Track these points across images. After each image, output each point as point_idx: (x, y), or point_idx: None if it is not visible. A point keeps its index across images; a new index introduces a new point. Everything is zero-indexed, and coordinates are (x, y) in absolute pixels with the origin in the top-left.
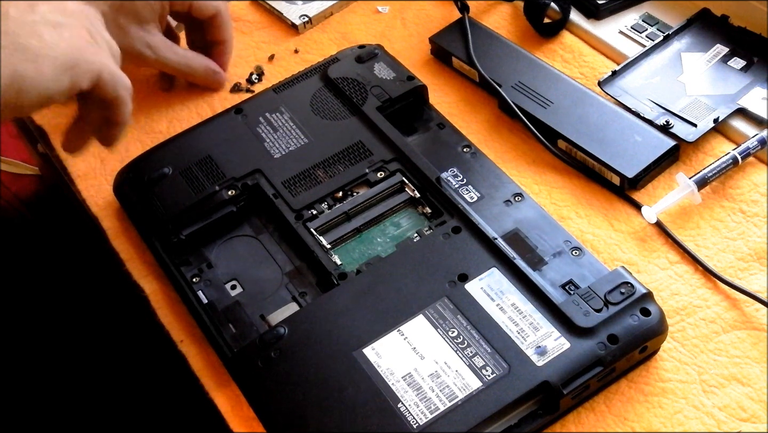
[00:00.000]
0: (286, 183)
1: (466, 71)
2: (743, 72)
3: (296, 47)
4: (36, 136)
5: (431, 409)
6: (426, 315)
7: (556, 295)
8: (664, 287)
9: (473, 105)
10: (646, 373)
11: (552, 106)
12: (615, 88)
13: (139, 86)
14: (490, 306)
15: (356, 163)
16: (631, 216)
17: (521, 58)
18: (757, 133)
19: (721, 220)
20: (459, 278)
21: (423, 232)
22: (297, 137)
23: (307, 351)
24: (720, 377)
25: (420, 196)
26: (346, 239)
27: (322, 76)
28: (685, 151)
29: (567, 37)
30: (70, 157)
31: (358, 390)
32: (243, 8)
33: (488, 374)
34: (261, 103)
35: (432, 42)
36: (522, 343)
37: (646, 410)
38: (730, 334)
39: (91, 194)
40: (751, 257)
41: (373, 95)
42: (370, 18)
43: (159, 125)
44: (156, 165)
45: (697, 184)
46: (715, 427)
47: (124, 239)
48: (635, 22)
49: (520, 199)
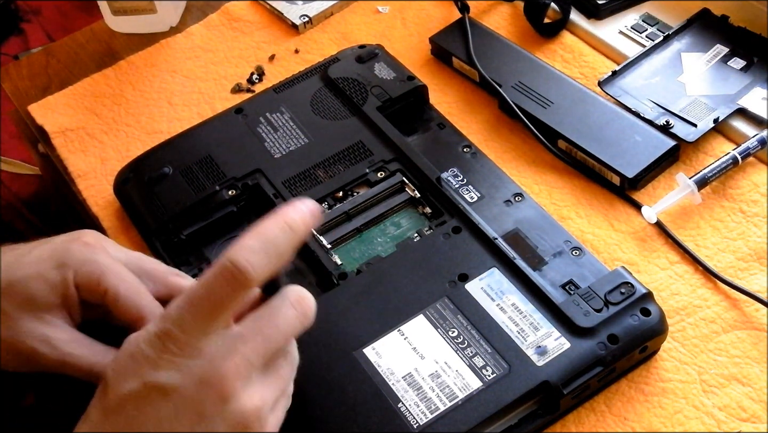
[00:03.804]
0: (287, 183)
1: (466, 71)
2: (743, 72)
3: (296, 47)
4: (36, 136)
5: (431, 409)
6: (426, 315)
7: (556, 295)
8: (664, 287)
9: (473, 105)
10: (646, 373)
11: (552, 106)
12: (615, 88)
13: (140, 85)
14: (491, 306)
15: (356, 163)
16: (631, 216)
17: (521, 58)
18: (757, 133)
19: (721, 220)
20: (459, 278)
21: (423, 232)
22: (297, 137)
23: (307, 351)
24: (720, 377)
25: (420, 196)
26: (346, 239)
27: (322, 76)
28: (685, 151)
29: (567, 37)
30: (70, 157)
31: (358, 390)
32: (243, 8)
33: (488, 374)
34: (261, 103)
35: (432, 42)
36: (522, 343)
37: (646, 410)
38: (730, 334)
39: (91, 194)
40: (751, 257)
41: (374, 95)
42: (371, 18)
43: (159, 125)
44: (156, 165)
45: (697, 184)
46: (715, 427)
47: (124, 238)
48: (635, 22)
49: (520, 199)
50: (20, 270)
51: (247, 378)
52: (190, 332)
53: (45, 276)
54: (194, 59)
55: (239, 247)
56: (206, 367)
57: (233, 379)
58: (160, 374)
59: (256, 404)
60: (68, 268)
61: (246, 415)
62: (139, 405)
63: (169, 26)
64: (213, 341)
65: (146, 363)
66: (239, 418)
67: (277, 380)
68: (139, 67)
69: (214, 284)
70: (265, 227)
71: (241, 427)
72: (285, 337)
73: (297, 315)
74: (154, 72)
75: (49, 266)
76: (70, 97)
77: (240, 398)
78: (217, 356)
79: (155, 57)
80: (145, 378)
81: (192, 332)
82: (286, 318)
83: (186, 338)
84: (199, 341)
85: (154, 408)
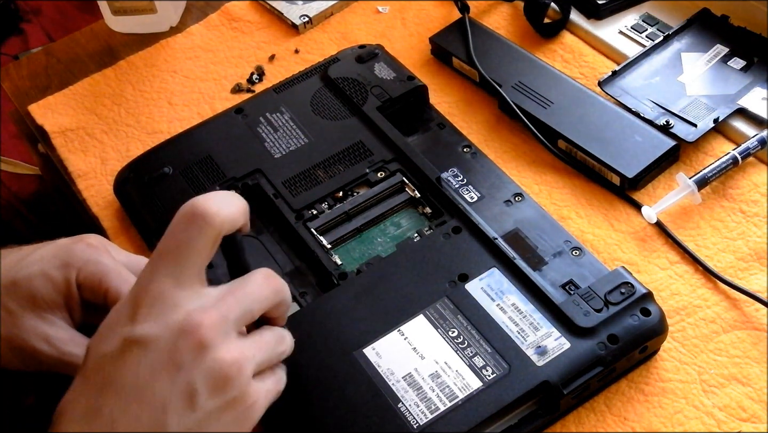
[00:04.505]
0: (287, 183)
1: (466, 71)
2: (743, 72)
3: (296, 47)
4: (36, 136)
5: (431, 409)
6: (426, 315)
7: (556, 295)
8: (664, 287)
9: (473, 105)
10: (646, 373)
11: (552, 106)
12: (615, 88)
13: (140, 85)
14: (491, 306)
15: (356, 163)
16: (631, 216)
17: (521, 58)
18: (757, 133)
19: (721, 220)
20: (459, 278)
21: (423, 232)
22: (297, 137)
23: (307, 351)
24: (720, 377)
25: (420, 196)
26: (346, 239)
27: (322, 76)
28: (685, 151)
29: (567, 37)
30: (70, 157)
31: (358, 390)
32: (243, 8)
33: (488, 374)
34: (261, 103)
35: (432, 42)
36: (522, 343)
37: (646, 410)
38: (730, 334)
39: (91, 194)
40: (751, 257)
41: (374, 95)
42: (371, 18)
43: (159, 125)
44: (156, 165)
45: (697, 184)
46: (715, 427)
47: (124, 238)
48: (635, 22)
49: (520, 199)
50: (24, 269)
51: (224, 333)
52: (164, 281)
53: (48, 275)
54: (194, 59)
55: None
56: (183, 318)
57: (210, 328)
58: (136, 328)
59: (235, 356)
60: (71, 268)
61: (224, 367)
62: (116, 362)
63: (169, 26)
64: (189, 296)
65: (123, 322)
66: (218, 369)
67: (259, 344)
68: (139, 67)
69: (176, 229)
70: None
71: (221, 381)
72: (259, 304)
73: (269, 288)
74: (154, 72)
75: (52, 265)
76: (70, 97)
77: (218, 348)
78: (193, 309)
79: (155, 57)
80: (122, 335)
81: (165, 281)
82: (259, 288)
83: (160, 290)
84: (174, 294)
85: (131, 361)
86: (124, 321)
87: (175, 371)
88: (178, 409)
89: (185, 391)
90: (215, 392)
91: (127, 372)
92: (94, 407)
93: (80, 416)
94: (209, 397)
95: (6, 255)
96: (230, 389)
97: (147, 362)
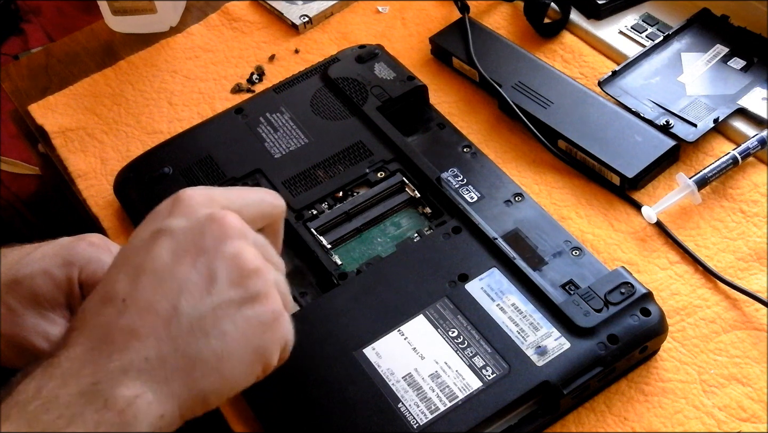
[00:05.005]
0: (287, 183)
1: (466, 71)
2: (743, 72)
3: (296, 47)
4: (36, 136)
5: (431, 409)
6: (426, 315)
7: (556, 295)
8: (664, 287)
9: (473, 105)
10: (646, 373)
11: (552, 106)
12: (615, 88)
13: (140, 85)
14: (491, 306)
15: (356, 163)
16: (631, 216)
17: (521, 58)
18: (757, 133)
19: (721, 220)
20: (459, 278)
21: (423, 232)
22: (297, 137)
23: (307, 351)
24: (720, 377)
25: (420, 196)
26: (346, 239)
27: (322, 76)
28: (685, 151)
29: (567, 37)
30: (70, 157)
31: (358, 390)
32: (243, 8)
33: (488, 374)
34: (261, 103)
35: (432, 42)
36: (522, 343)
37: (646, 410)
38: (730, 334)
39: (91, 194)
40: (751, 257)
41: (374, 95)
42: (371, 18)
43: (159, 125)
44: (156, 165)
45: (697, 185)
46: (715, 427)
47: (124, 238)
48: (635, 22)
49: (520, 200)
50: (26, 267)
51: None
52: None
53: (50, 273)
54: (194, 59)
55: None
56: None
57: (235, 223)
58: (170, 221)
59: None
60: (74, 266)
61: (244, 259)
62: (143, 249)
63: (169, 26)
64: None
65: (160, 216)
66: (238, 260)
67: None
68: (139, 67)
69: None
70: None
71: (245, 272)
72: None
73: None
74: (154, 72)
75: (54, 264)
76: (70, 97)
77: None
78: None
79: (155, 57)
80: (156, 225)
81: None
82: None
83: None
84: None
85: (157, 247)
86: (162, 215)
87: (197, 255)
88: (194, 293)
89: (205, 275)
90: (237, 282)
91: (151, 257)
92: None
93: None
94: (230, 286)
95: (7, 253)
96: (252, 284)
97: (172, 247)
